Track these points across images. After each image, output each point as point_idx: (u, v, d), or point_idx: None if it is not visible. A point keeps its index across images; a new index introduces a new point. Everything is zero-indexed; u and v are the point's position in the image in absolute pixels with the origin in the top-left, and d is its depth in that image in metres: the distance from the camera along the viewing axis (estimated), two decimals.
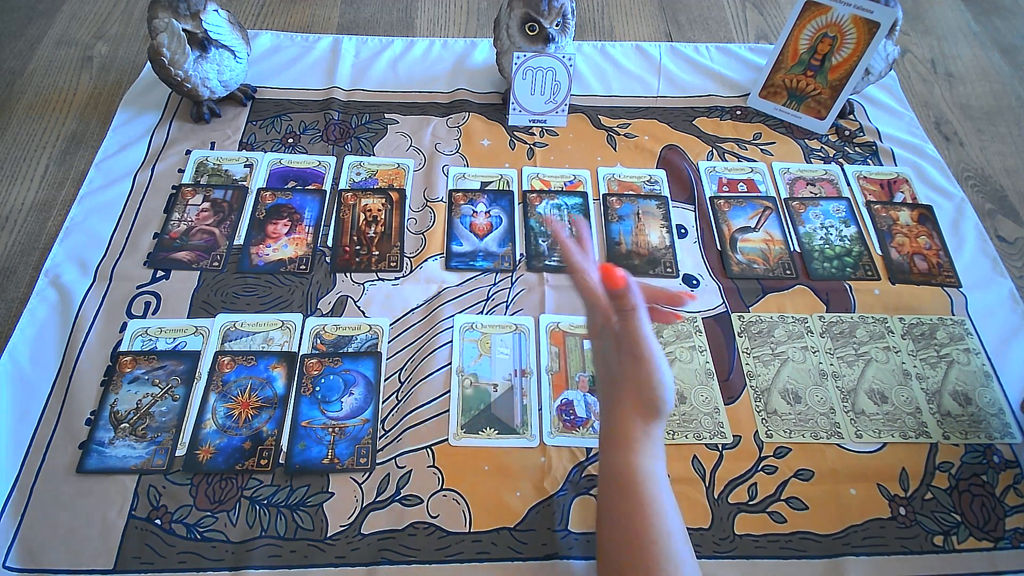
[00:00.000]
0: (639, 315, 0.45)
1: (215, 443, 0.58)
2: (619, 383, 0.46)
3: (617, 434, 0.46)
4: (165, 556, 0.52)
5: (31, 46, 0.93)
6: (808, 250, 0.74)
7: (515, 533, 0.55)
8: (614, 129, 0.85)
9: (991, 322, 0.69)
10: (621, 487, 0.45)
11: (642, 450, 0.45)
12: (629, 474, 0.44)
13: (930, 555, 0.55)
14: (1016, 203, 0.81)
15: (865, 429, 0.61)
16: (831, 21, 0.79)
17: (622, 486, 0.45)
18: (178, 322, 0.65)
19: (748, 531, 0.56)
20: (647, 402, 0.45)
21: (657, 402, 0.45)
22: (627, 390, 0.46)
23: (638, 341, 0.45)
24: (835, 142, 0.85)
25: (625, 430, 0.46)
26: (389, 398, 0.62)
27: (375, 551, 0.53)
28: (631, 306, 0.45)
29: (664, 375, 0.45)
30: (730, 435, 0.61)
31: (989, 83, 0.96)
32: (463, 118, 0.85)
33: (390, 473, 0.57)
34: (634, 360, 0.45)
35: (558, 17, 0.77)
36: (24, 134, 0.82)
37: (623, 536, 0.43)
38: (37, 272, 0.68)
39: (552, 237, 0.46)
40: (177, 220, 0.72)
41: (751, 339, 0.67)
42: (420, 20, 1.00)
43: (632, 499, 0.44)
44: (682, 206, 0.77)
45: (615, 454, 0.46)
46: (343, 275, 0.70)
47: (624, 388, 0.46)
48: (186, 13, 0.73)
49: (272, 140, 0.81)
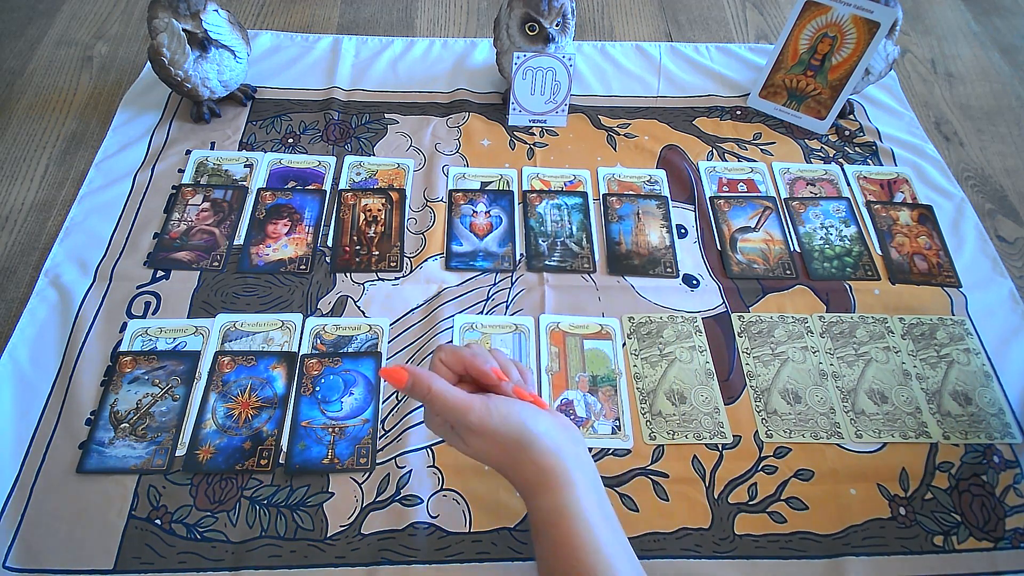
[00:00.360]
0: (437, 396, 0.42)
1: (215, 443, 0.58)
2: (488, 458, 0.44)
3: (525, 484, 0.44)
4: (165, 556, 0.52)
5: (31, 46, 0.93)
6: (808, 250, 0.74)
7: (515, 533, 0.55)
8: (614, 129, 0.85)
9: (991, 322, 0.69)
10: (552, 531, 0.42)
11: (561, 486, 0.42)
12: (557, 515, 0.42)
13: (930, 555, 0.55)
14: (1016, 203, 0.81)
15: (865, 429, 0.61)
16: (831, 21, 0.79)
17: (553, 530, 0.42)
18: (178, 322, 0.65)
19: (748, 531, 0.56)
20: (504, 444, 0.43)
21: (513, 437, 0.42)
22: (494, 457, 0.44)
23: (454, 411, 0.42)
24: (835, 142, 0.85)
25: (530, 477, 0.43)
26: (389, 398, 0.62)
27: (375, 551, 0.53)
28: (425, 390, 0.42)
29: (500, 420, 0.42)
30: (730, 435, 0.61)
31: (989, 83, 0.96)
32: (463, 118, 0.85)
33: (390, 473, 0.57)
34: (466, 431, 0.43)
35: (558, 17, 0.77)
36: (24, 134, 0.82)
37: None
38: (37, 272, 0.68)
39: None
40: (177, 220, 0.72)
41: (751, 339, 0.67)
42: (420, 20, 1.00)
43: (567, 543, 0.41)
44: (682, 206, 0.77)
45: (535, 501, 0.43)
46: (343, 275, 0.70)
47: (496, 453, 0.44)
48: (186, 13, 0.73)
49: (272, 140, 0.81)
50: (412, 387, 0.42)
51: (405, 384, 0.42)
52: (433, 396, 0.42)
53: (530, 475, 0.43)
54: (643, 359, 0.65)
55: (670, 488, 0.57)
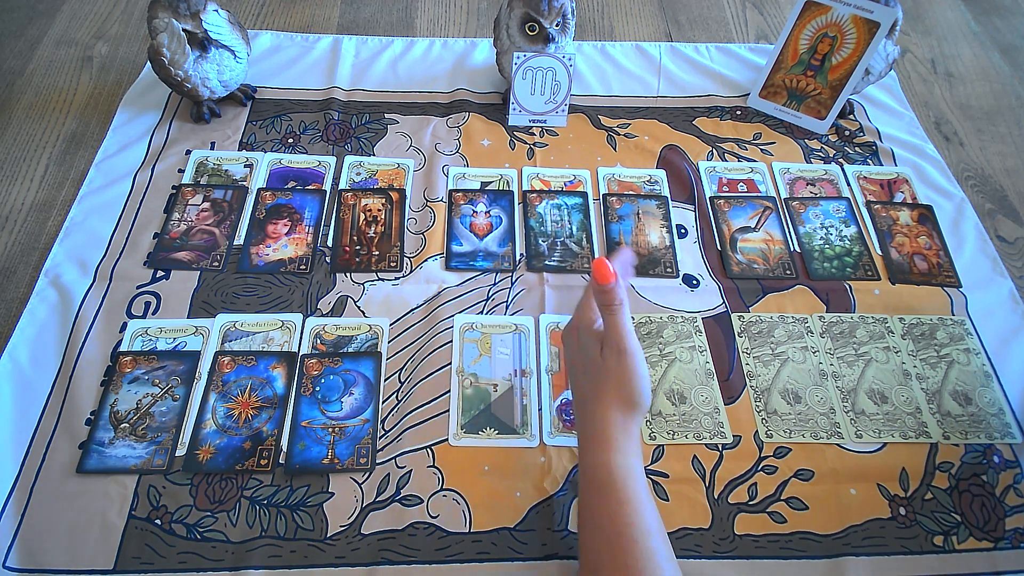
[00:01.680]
0: (624, 311, 0.47)
1: (215, 443, 0.58)
2: (600, 380, 0.47)
3: (598, 433, 0.47)
4: (165, 556, 0.52)
5: (31, 46, 0.93)
6: (808, 250, 0.74)
7: (515, 533, 0.55)
8: (614, 129, 0.85)
9: (991, 322, 0.69)
10: (603, 486, 0.45)
11: (623, 448, 0.46)
12: (610, 473, 0.45)
13: (930, 555, 0.55)
14: (1016, 203, 0.81)
15: (865, 429, 0.61)
16: (831, 21, 0.79)
17: (604, 485, 0.45)
18: (178, 322, 0.65)
19: (748, 531, 0.56)
20: (627, 397, 0.46)
21: (636, 396, 0.46)
22: (608, 386, 0.47)
23: (623, 335, 0.46)
24: (835, 142, 0.85)
25: (606, 428, 0.46)
26: (389, 398, 0.62)
27: (375, 551, 0.53)
28: (618, 301, 0.46)
29: (644, 369, 0.47)
30: (730, 435, 0.61)
31: (989, 83, 0.96)
32: (463, 118, 0.85)
33: (390, 473, 0.57)
34: (618, 354, 0.46)
35: (558, 17, 0.77)
36: (24, 134, 0.82)
37: (605, 535, 0.44)
38: (37, 272, 0.68)
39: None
40: (177, 220, 0.72)
41: (751, 339, 0.67)
42: (420, 20, 1.00)
43: (613, 498, 0.44)
44: (682, 206, 0.77)
45: (597, 454, 0.46)
46: (343, 275, 0.70)
47: (605, 384, 0.47)
48: (186, 13, 0.73)
49: (272, 140, 0.81)
50: (614, 288, 0.46)
51: (611, 282, 0.46)
52: (616, 310, 0.46)
53: (617, 424, 0.46)
54: None
55: (670, 488, 0.57)
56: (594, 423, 0.47)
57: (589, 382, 0.48)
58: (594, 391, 0.48)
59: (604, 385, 0.47)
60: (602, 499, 0.45)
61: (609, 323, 0.47)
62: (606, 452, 0.46)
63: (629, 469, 0.46)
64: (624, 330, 0.47)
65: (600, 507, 0.45)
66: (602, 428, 0.47)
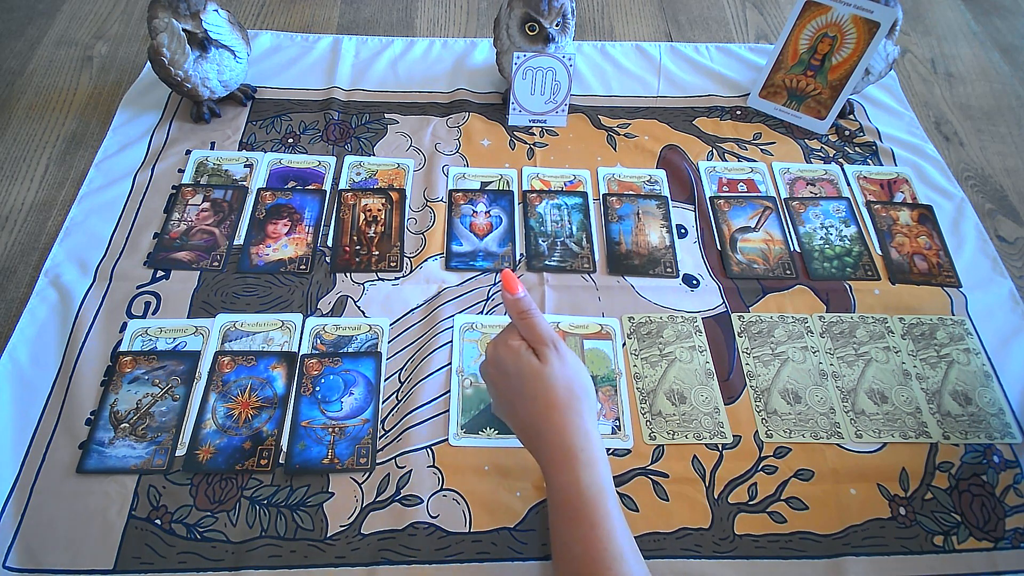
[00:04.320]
0: (536, 315, 0.48)
1: (215, 443, 0.58)
2: (542, 387, 0.46)
3: (558, 450, 0.45)
4: (165, 556, 0.52)
5: (31, 46, 0.93)
6: (808, 250, 0.74)
7: (515, 533, 0.55)
8: (614, 129, 0.85)
9: (991, 322, 0.69)
10: (573, 509, 0.44)
11: (588, 459, 0.44)
12: (580, 494, 0.43)
13: (930, 555, 0.55)
14: (1016, 203, 0.81)
15: (865, 429, 0.61)
16: (831, 21, 0.79)
17: (574, 508, 0.43)
18: (178, 322, 0.65)
19: (748, 531, 0.56)
20: (574, 389, 0.46)
21: (584, 384, 0.47)
22: (555, 388, 0.46)
23: (550, 331, 0.48)
24: (835, 142, 0.85)
25: (564, 440, 0.45)
26: (389, 398, 0.62)
27: (375, 551, 0.53)
28: (533, 307, 0.48)
29: (574, 357, 0.48)
30: (730, 435, 0.61)
31: (989, 83, 0.96)
32: (463, 118, 0.85)
33: (390, 473, 0.57)
34: (555, 348, 0.47)
35: (558, 17, 0.77)
36: (24, 134, 0.82)
37: (579, 562, 0.42)
38: (37, 272, 0.68)
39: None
40: (177, 220, 0.72)
41: (751, 339, 0.67)
42: (420, 20, 1.00)
43: (585, 521, 0.43)
44: (682, 206, 0.77)
45: (563, 474, 0.44)
46: (343, 275, 0.70)
47: (551, 388, 0.46)
48: (186, 13, 0.73)
49: (272, 140, 0.81)
50: (523, 299, 0.48)
51: (517, 294, 0.47)
52: (534, 314, 0.48)
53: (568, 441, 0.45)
54: (643, 359, 0.65)
55: (670, 488, 0.57)
56: (551, 441, 0.45)
57: (529, 400, 0.46)
58: (537, 407, 0.46)
59: (549, 391, 0.46)
60: (573, 524, 0.43)
61: (531, 326, 0.47)
62: (573, 470, 0.44)
63: (598, 487, 0.44)
64: (548, 326, 0.48)
65: (571, 532, 0.43)
66: (560, 443, 0.45)
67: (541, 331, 0.47)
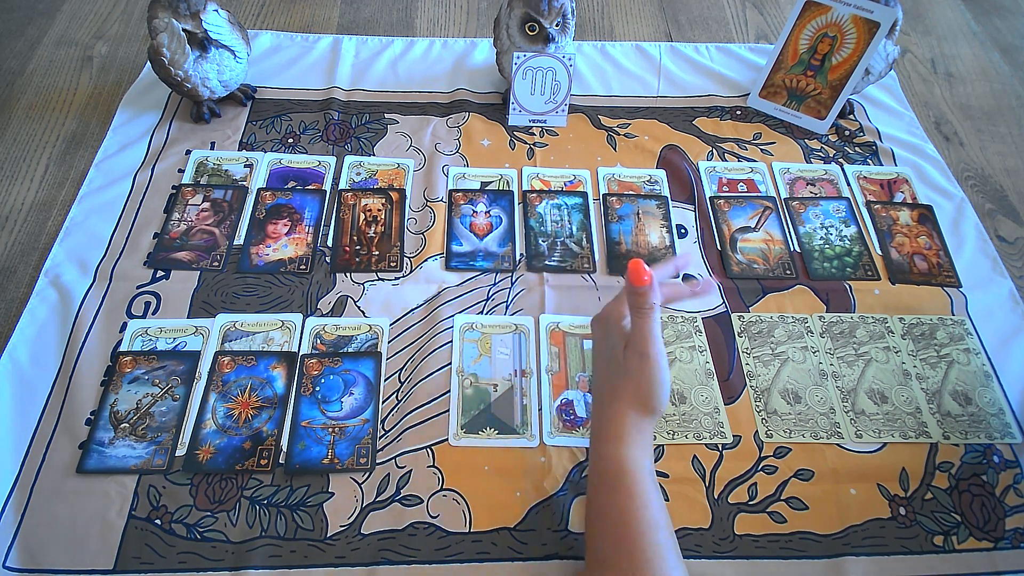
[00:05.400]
0: (654, 316, 0.47)
1: (215, 443, 0.58)
2: (619, 378, 0.48)
3: (611, 428, 0.47)
4: (165, 556, 0.52)
5: (31, 46, 0.93)
6: (808, 250, 0.74)
7: (515, 533, 0.55)
8: (614, 129, 0.85)
9: (991, 322, 0.69)
10: (612, 479, 0.46)
11: (635, 443, 0.46)
12: (621, 466, 0.46)
13: (930, 555, 0.55)
14: (1016, 203, 0.81)
15: (865, 429, 0.61)
16: (831, 21, 0.79)
17: (613, 478, 0.46)
18: (178, 322, 0.65)
19: (748, 531, 0.56)
20: (644, 400, 0.47)
21: (654, 401, 0.47)
22: (627, 386, 0.47)
23: (649, 340, 0.46)
24: (835, 142, 0.85)
25: (619, 424, 0.47)
26: (389, 398, 0.62)
27: (375, 551, 0.53)
28: (648, 305, 0.46)
29: (665, 376, 0.46)
30: (730, 435, 0.61)
31: (989, 83, 0.96)
32: (463, 118, 0.85)
33: (390, 473, 0.57)
34: (640, 358, 0.46)
35: (558, 17, 0.77)
36: (24, 134, 0.82)
37: (613, 528, 0.44)
38: (37, 272, 0.68)
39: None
40: (177, 220, 0.72)
41: (751, 339, 0.67)
42: (420, 20, 1.00)
43: (623, 491, 0.45)
44: (682, 206, 0.77)
45: (607, 447, 0.47)
46: (343, 275, 0.70)
47: (624, 384, 0.47)
48: (186, 13, 0.73)
49: (272, 140, 0.81)
50: (647, 291, 0.46)
51: (644, 284, 0.46)
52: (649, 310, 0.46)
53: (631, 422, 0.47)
54: None
55: (670, 488, 0.57)
56: (608, 417, 0.48)
57: (609, 377, 0.49)
58: (612, 387, 0.48)
59: (622, 384, 0.47)
60: (611, 492, 0.45)
61: (636, 325, 0.47)
62: (618, 446, 0.46)
63: (640, 464, 0.46)
64: (650, 335, 0.46)
65: (609, 500, 0.45)
66: (615, 423, 0.47)
67: (642, 333, 0.47)
